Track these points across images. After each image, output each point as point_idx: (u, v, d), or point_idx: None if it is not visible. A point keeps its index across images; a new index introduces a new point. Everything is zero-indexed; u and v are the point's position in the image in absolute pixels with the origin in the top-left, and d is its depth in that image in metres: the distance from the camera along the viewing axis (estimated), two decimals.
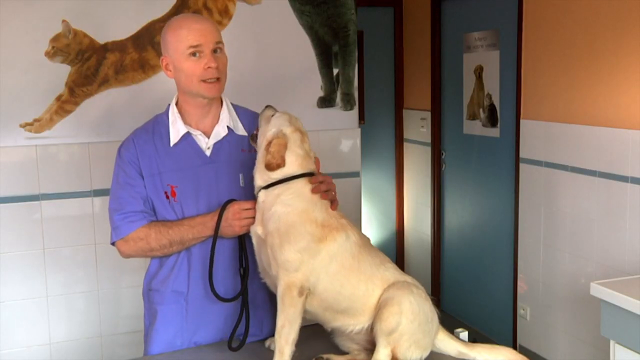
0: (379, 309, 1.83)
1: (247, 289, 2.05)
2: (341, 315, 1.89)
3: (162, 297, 2.12)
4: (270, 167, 1.87)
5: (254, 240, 1.95)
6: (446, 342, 1.94)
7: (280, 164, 1.87)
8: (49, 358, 3.32)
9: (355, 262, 1.87)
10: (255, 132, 2.03)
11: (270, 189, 1.89)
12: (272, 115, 1.97)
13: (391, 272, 1.90)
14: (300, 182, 1.90)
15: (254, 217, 1.98)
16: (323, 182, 1.92)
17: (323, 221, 1.86)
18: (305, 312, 1.86)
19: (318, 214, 1.87)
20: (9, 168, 3.19)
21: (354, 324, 1.89)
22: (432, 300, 1.93)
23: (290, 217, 1.84)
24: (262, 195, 1.90)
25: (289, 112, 2.01)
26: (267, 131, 1.93)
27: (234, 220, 1.98)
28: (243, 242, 2.04)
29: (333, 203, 1.93)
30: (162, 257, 2.11)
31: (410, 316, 1.81)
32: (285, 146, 1.88)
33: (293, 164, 1.90)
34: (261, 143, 1.94)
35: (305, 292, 1.82)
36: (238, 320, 2.04)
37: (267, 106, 2.04)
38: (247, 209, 1.98)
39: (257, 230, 1.91)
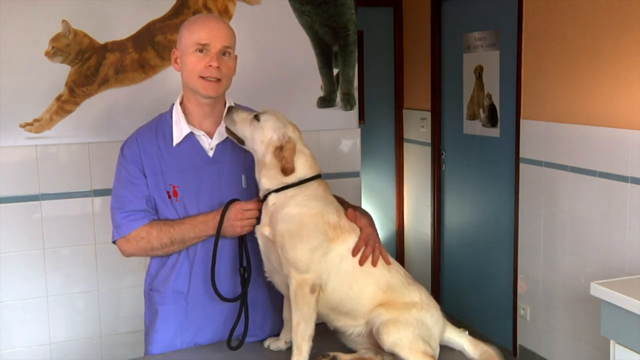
0: (377, 335, 1.84)
1: (247, 289, 2.05)
2: (344, 317, 1.91)
3: (162, 297, 2.12)
4: (286, 172, 1.88)
5: (260, 241, 1.95)
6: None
7: (294, 169, 1.88)
8: (49, 358, 3.32)
9: (365, 265, 1.89)
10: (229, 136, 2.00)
11: (283, 192, 1.89)
12: (256, 117, 1.94)
13: (397, 278, 1.93)
14: (314, 184, 1.91)
15: (256, 218, 1.98)
16: (367, 246, 1.92)
17: (335, 223, 1.89)
18: None
19: (331, 217, 1.89)
20: (9, 168, 3.19)
21: (354, 325, 1.91)
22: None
23: (304, 217, 1.86)
24: (272, 198, 1.90)
25: (288, 112, 2.01)
26: (266, 135, 1.91)
27: (235, 220, 1.98)
28: (244, 242, 2.04)
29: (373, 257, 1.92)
30: (162, 257, 2.11)
31: (409, 328, 1.83)
32: (295, 150, 1.89)
33: (304, 166, 1.91)
34: (259, 148, 1.92)
35: (317, 289, 1.84)
36: (237, 319, 2.04)
37: (231, 108, 2.01)
38: (249, 210, 1.98)
39: (264, 232, 1.91)
